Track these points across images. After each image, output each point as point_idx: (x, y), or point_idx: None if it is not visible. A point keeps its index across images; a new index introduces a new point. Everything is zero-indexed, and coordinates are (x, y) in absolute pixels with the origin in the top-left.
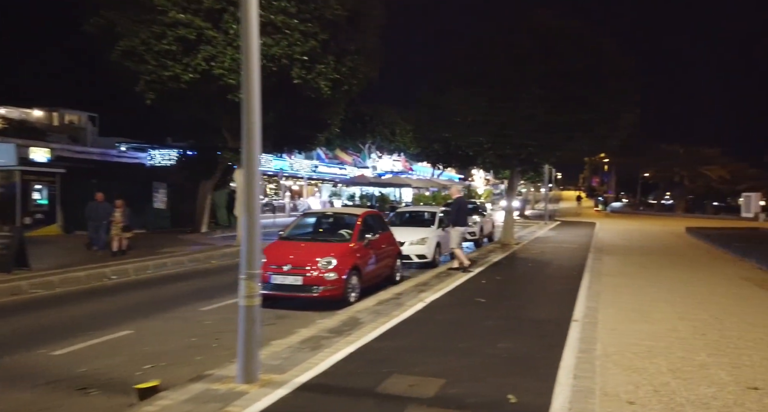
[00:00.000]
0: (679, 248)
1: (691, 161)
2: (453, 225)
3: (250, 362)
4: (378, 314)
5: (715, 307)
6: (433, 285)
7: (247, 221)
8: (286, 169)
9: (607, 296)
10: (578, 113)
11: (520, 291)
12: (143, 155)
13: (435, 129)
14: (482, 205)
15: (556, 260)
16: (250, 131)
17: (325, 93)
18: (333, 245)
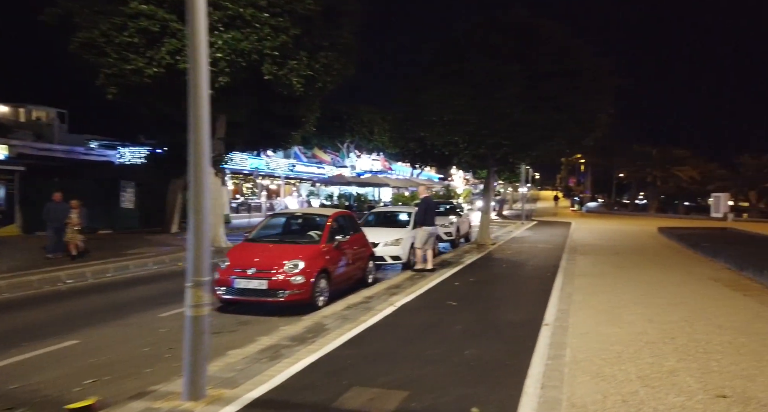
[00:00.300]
0: (651, 248)
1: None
2: (420, 225)
3: (196, 377)
4: (345, 320)
5: (684, 309)
6: (406, 288)
7: (194, 223)
8: (262, 168)
9: (579, 298)
10: (553, 113)
11: (492, 293)
12: (113, 153)
13: (411, 128)
14: (459, 205)
15: (530, 260)
16: (198, 125)
17: (298, 90)
18: (301, 246)
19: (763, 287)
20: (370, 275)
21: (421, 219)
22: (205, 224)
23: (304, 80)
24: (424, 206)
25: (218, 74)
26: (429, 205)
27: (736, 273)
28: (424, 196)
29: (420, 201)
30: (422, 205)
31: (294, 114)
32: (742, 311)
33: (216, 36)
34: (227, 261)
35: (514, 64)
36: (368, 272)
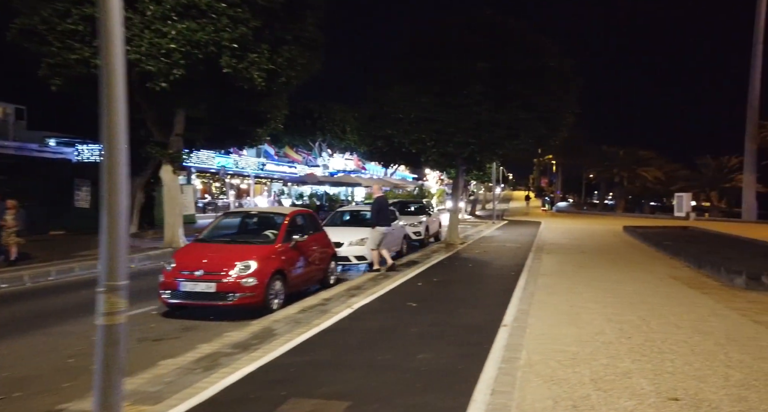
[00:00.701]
0: (615, 246)
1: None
2: (373, 225)
3: (109, 394)
4: (297, 324)
5: (643, 307)
6: (367, 288)
7: (107, 222)
8: (230, 166)
9: (540, 297)
10: (519, 112)
11: (454, 294)
12: (70, 150)
13: (378, 126)
14: (429, 204)
15: (497, 259)
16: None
17: (260, 84)
18: (254, 247)
19: (719, 284)
20: (332, 275)
21: (375, 219)
22: (119, 223)
23: (265, 74)
24: (377, 206)
25: (172, 66)
26: (382, 205)
27: (695, 271)
28: (377, 196)
29: (373, 201)
30: (375, 205)
31: (258, 110)
32: (698, 308)
33: (169, 26)
34: (173, 263)
35: (481, 62)
36: (330, 272)
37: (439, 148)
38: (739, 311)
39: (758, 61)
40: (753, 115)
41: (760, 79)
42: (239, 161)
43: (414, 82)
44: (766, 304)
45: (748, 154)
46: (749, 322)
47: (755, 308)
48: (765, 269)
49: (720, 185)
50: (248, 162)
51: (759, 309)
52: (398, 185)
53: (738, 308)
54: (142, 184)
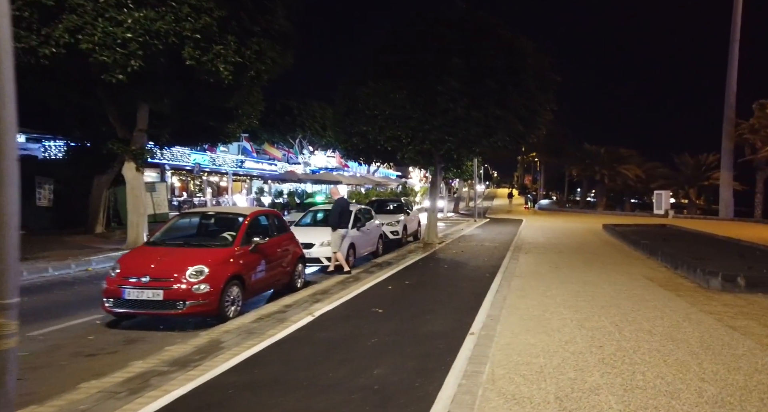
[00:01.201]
0: (593, 245)
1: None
2: (333, 228)
3: None
4: (249, 335)
5: (616, 312)
6: (334, 293)
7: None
8: (206, 163)
9: (512, 301)
10: (495, 109)
11: (424, 297)
12: (35, 147)
13: (353, 122)
14: (407, 202)
15: (473, 260)
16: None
17: (226, 77)
18: (209, 250)
19: (695, 285)
20: (299, 279)
21: (336, 222)
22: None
23: (232, 68)
24: (338, 208)
25: (129, 57)
26: (343, 207)
27: (671, 271)
28: (338, 198)
29: (334, 203)
30: (336, 207)
31: (227, 105)
32: (673, 313)
33: (125, 14)
34: (118, 268)
35: (456, 57)
36: (297, 276)
37: (415, 146)
38: (714, 316)
39: (735, 59)
40: (730, 113)
41: (737, 77)
42: (216, 158)
43: (388, 78)
44: (740, 307)
45: (725, 153)
46: (724, 327)
47: (730, 312)
48: (740, 269)
49: (698, 183)
50: (226, 159)
51: (734, 313)
52: (380, 183)
53: (713, 311)
54: (108, 182)
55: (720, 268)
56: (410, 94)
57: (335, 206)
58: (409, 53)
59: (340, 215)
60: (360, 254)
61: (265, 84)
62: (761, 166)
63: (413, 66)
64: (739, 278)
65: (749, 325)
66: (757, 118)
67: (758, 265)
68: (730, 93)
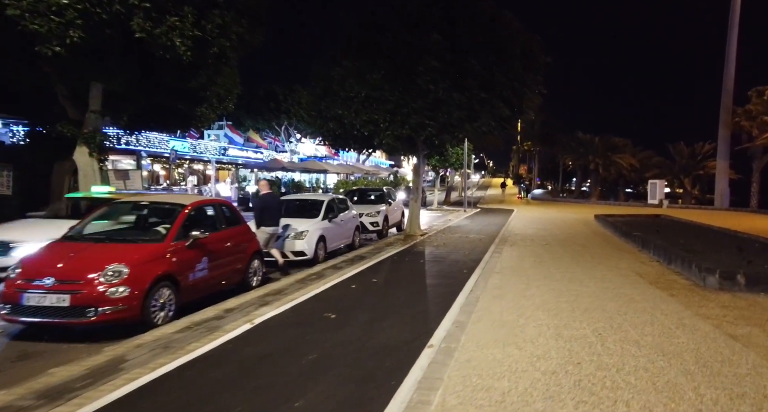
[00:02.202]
0: (582, 237)
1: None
2: (257, 225)
3: None
4: (164, 350)
5: (600, 316)
6: (289, 293)
7: None
8: (186, 151)
9: (485, 304)
10: (479, 91)
11: (389, 299)
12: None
13: (328, 106)
14: (390, 192)
15: (453, 253)
16: None
17: (184, 54)
18: (134, 246)
19: (690, 283)
20: (255, 277)
21: (259, 219)
22: None
23: (191, 43)
24: (261, 203)
25: (67, 26)
26: (269, 202)
27: (663, 266)
28: (264, 193)
29: (258, 198)
30: (259, 202)
31: (192, 86)
32: (664, 317)
33: None
34: (19, 268)
35: (437, 34)
36: (252, 273)
37: (394, 130)
38: (711, 321)
39: (733, 45)
40: (727, 100)
41: (735, 64)
42: (197, 146)
43: (363, 57)
44: (741, 310)
45: (721, 141)
46: (723, 336)
47: (729, 316)
48: (738, 264)
49: (693, 172)
50: (207, 147)
51: (733, 317)
52: (370, 172)
53: (710, 315)
54: (70, 168)
55: (717, 263)
56: (387, 74)
57: (258, 202)
58: (386, 30)
59: (262, 211)
60: (332, 248)
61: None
62: (757, 154)
63: (390, 44)
64: (739, 276)
65: (752, 333)
66: (754, 105)
67: (758, 260)
68: (727, 79)
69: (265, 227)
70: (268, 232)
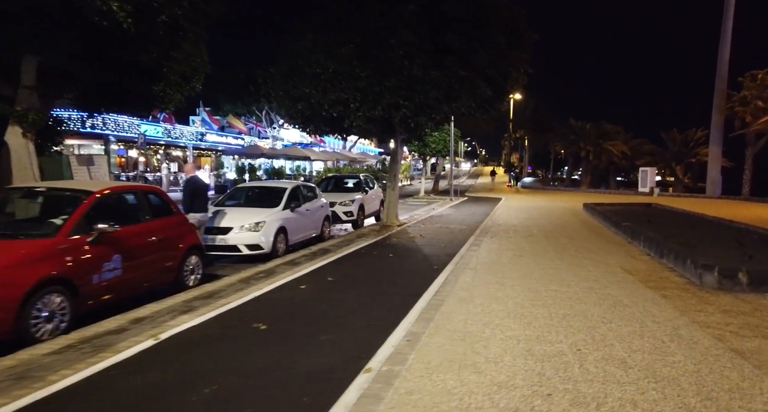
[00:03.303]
0: (569, 228)
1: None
2: (186, 211)
3: None
4: (16, 383)
5: (581, 325)
6: (223, 296)
7: None
8: (159, 136)
9: (449, 308)
10: (458, 69)
11: (338, 303)
12: None
13: (296, 84)
14: (367, 179)
15: (428, 246)
16: None
17: (125, 21)
18: (11, 243)
19: (684, 281)
20: (193, 275)
21: (187, 205)
22: None
23: (132, 8)
24: (190, 188)
25: None
26: (196, 187)
27: (655, 261)
28: (190, 177)
29: (185, 182)
30: (188, 187)
31: (143, 61)
32: (657, 326)
33: None
34: None
35: (413, 5)
36: (188, 272)
37: (365, 111)
38: (712, 330)
39: (728, 30)
40: (721, 85)
41: (730, 49)
42: (172, 130)
43: (331, 29)
44: (745, 316)
45: (715, 127)
46: (728, 353)
47: (733, 324)
48: (738, 260)
49: (685, 160)
50: (183, 132)
51: (738, 325)
52: (356, 159)
53: (710, 323)
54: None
55: (714, 257)
56: (357, 48)
57: (186, 186)
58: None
59: (192, 196)
60: (296, 240)
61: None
62: (751, 141)
63: (360, 15)
64: (741, 274)
65: (762, 348)
66: (748, 90)
67: (759, 254)
68: (722, 64)
69: (194, 213)
70: (197, 218)
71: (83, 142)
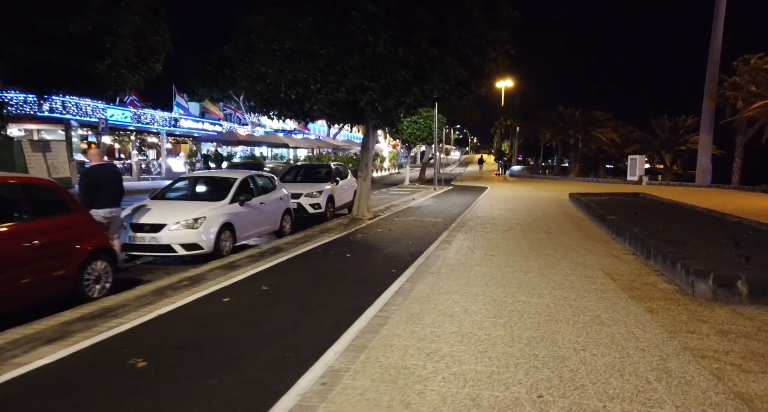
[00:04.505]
0: (551, 220)
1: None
2: (87, 208)
3: None
4: None
5: (548, 355)
6: (120, 314)
7: None
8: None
9: (391, 330)
10: (429, 47)
11: (257, 324)
12: None
13: (252, 63)
14: (339, 169)
15: (395, 243)
16: None
17: None
18: None
19: (673, 288)
20: (96, 284)
21: (88, 200)
22: None
23: None
24: (88, 178)
25: None
26: (99, 177)
27: (640, 261)
28: (92, 165)
29: (82, 173)
30: (86, 177)
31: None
32: (641, 355)
33: None
34: None
35: None
36: (91, 279)
37: (327, 94)
38: (708, 363)
39: (722, 12)
40: (713, 69)
41: (722, 32)
42: (141, 115)
43: (288, 2)
44: (748, 339)
45: (706, 113)
46: (732, 401)
47: (735, 352)
48: (734, 262)
49: (675, 148)
50: (156, 117)
51: (740, 354)
52: (340, 147)
53: (705, 350)
54: None
55: (705, 258)
56: (315, 22)
57: (84, 177)
58: None
59: (94, 188)
60: (248, 237)
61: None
62: (742, 128)
63: None
64: (740, 283)
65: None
66: (740, 74)
67: (757, 255)
68: (714, 47)
69: (97, 209)
70: (101, 215)
71: (43, 126)
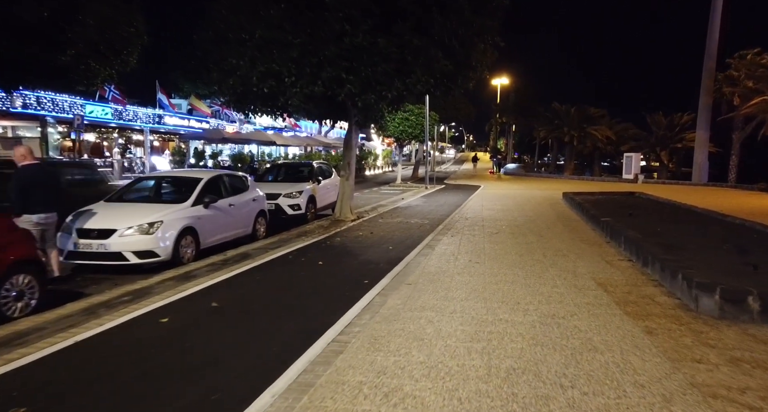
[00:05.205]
0: (543, 222)
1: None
2: (17, 212)
3: None
4: None
5: (528, 394)
6: (27, 342)
7: None
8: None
9: (345, 362)
10: (412, 38)
11: (182, 355)
12: None
13: (222, 55)
14: (322, 168)
15: (372, 249)
16: None
17: None
18: None
19: (675, 303)
20: (17, 302)
21: (20, 204)
22: None
23: None
24: (20, 182)
25: None
26: (31, 179)
27: (636, 269)
28: (25, 164)
29: (14, 174)
30: (18, 180)
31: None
32: (641, 394)
33: None
34: None
35: None
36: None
37: (303, 88)
38: (722, 405)
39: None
40: (710, 64)
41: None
42: (123, 112)
43: None
44: (766, 369)
45: (702, 110)
46: None
47: (752, 391)
48: (741, 272)
49: (671, 145)
50: (138, 113)
51: (757, 392)
52: (332, 145)
53: (717, 388)
54: None
55: (707, 266)
56: (288, 9)
57: (16, 178)
58: None
59: (25, 191)
60: (214, 242)
61: None
62: (739, 125)
63: None
64: (751, 299)
65: None
66: (737, 69)
67: (765, 261)
68: (711, 42)
69: (28, 214)
70: (33, 222)
71: (17, 123)
